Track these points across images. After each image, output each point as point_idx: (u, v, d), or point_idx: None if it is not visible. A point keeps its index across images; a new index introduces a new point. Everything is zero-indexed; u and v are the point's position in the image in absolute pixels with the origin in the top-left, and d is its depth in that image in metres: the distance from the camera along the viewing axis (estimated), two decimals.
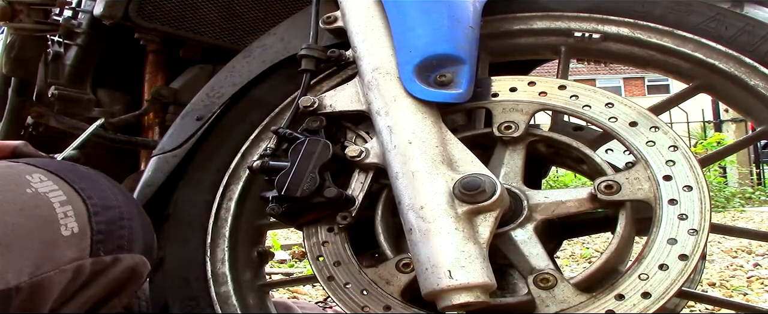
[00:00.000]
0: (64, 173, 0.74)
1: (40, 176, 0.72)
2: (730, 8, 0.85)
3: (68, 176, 0.74)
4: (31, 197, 0.69)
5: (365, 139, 0.89)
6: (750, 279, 2.57)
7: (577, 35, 0.93)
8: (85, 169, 0.80)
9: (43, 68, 1.34)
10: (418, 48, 0.85)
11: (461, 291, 0.72)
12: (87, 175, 0.78)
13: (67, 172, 0.75)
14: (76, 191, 0.73)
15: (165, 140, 1.02)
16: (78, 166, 0.79)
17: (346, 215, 0.86)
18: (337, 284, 0.87)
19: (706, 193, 0.78)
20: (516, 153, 0.87)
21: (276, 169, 0.85)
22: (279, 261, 3.30)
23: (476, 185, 0.76)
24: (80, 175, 0.77)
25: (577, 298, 0.77)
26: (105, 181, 0.79)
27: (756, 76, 0.83)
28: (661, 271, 0.75)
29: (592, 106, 0.85)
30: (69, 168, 0.77)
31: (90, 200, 0.74)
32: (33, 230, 0.67)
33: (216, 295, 0.96)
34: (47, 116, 1.31)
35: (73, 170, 0.77)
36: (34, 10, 1.21)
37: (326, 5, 0.97)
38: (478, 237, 0.75)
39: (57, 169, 0.75)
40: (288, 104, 0.99)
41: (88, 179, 0.77)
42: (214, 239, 0.98)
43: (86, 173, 0.78)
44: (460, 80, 0.84)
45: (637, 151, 0.81)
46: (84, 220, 0.72)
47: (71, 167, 0.78)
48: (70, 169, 0.77)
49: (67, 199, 0.72)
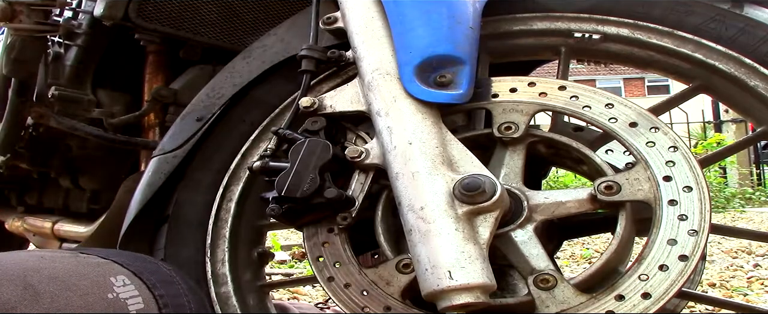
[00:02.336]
0: (147, 277, 0.77)
1: (124, 279, 0.74)
2: (730, 9, 0.85)
3: (151, 280, 0.76)
4: (111, 303, 0.71)
5: (365, 140, 0.89)
6: (750, 280, 2.57)
7: (577, 36, 0.93)
8: (168, 271, 0.82)
9: (43, 69, 1.34)
10: (418, 49, 0.85)
11: (461, 291, 0.72)
12: (169, 279, 0.80)
13: (151, 275, 0.77)
14: (155, 298, 0.75)
15: (165, 140, 1.02)
16: (161, 267, 0.82)
17: (346, 216, 0.86)
18: (338, 285, 0.87)
19: (706, 194, 0.78)
20: (516, 154, 0.87)
21: (276, 170, 0.85)
22: (279, 262, 3.30)
23: (476, 185, 0.76)
24: (162, 278, 0.79)
25: (577, 299, 0.77)
26: (184, 284, 0.81)
27: (756, 76, 0.83)
28: (661, 272, 0.75)
29: (592, 106, 0.85)
30: (153, 270, 0.79)
31: (165, 309, 0.76)
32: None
33: (216, 296, 0.96)
34: (47, 116, 1.31)
35: (157, 272, 0.79)
36: (34, 11, 1.20)
37: (326, 6, 0.97)
38: (478, 238, 0.75)
39: (141, 272, 0.77)
40: (288, 105, 0.99)
41: (170, 283, 0.79)
42: (214, 239, 0.98)
43: (168, 276, 0.80)
44: (460, 81, 0.84)
45: (637, 152, 0.81)
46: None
47: (155, 268, 0.80)
48: (153, 271, 0.79)
49: (144, 307, 0.74)
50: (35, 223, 1.49)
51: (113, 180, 1.44)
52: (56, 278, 0.68)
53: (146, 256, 0.93)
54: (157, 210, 1.01)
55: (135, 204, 0.98)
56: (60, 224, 1.44)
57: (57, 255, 0.75)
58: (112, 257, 0.77)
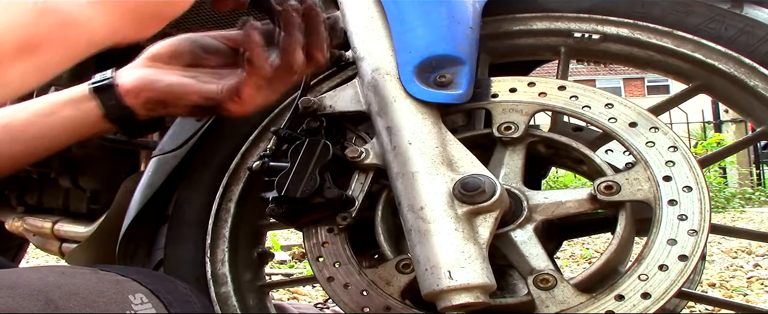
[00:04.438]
0: (165, 295, 0.77)
1: (142, 297, 0.75)
2: (730, 9, 0.85)
3: (167, 299, 0.77)
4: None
5: (365, 140, 0.89)
6: (750, 280, 2.58)
7: (576, 36, 0.93)
8: (185, 289, 0.82)
9: None
10: (418, 49, 0.85)
11: (461, 291, 0.72)
12: (186, 298, 0.81)
13: (168, 294, 0.78)
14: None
15: (165, 140, 1.02)
16: (179, 286, 0.82)
17: (346, 216, 0.86)
18: (337, 285, 0.87)
19: (706, 194, 0.78)
20: (516, 154, 0.87)
21: (276, 170, 0.85)
22: (279, 262, 3.30)
23: (476, 185, 0.76)
24: (179, 298, 0.79)
25: (576, 299, 0.77)
26: (199, 303, 0.82)
27: (755, 76, 0.83)
28: (660, 272, 0.75)
29: (591, 106, 0.85)
30: (170, 289, 0.80)
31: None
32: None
33: (216, 296, 0.96)
34: None
35: (174, 291, 0.80)
36: None
37: (326, 6, 0.97)
38: (477, 238, 0.75)
39: (159, 290, 0.77)
40: (288, 105, 0.99)
41: (186, 303, 0.80)
42: (214, 239, 0.98)
43: (185, 295, 0.81)
44: (460, 81, 0.84)
45: (636, 152, 0.81)
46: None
47: (173, 287, 0.81)
48: (170, 290, 0.79)
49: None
50: (35, 223, 1.49)
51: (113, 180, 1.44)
52: (76, 294, 0.69)
53: (164, 275, 0.94)
54: (157, 210, 1.01)
55: (135, 204, 0.98)
56: (60, 224, 1.44)
57: (77, 271, 0.76)
58: (130, 274, 0.78)
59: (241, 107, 0.83)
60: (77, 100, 0.85)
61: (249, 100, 0.82)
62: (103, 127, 0.85)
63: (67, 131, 0.85)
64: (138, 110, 0.83)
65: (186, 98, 0.82)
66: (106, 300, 0.71)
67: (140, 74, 0.84)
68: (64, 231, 1.42)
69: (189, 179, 1.01)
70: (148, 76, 0.83)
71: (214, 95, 0.82)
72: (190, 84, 0.82)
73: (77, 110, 0.85)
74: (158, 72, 0.84)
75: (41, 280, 0.69)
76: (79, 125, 0.85)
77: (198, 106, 0.83)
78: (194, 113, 0.86)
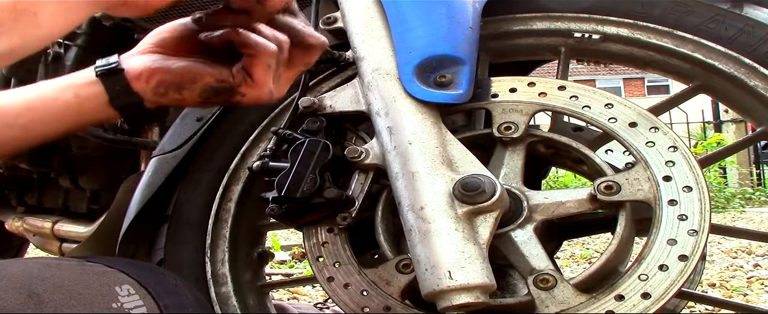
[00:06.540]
0: (153, 287, 0.76)
1: (129, 289, 0.73)
2: (730, 9, 0.85)
3: (156, 290, 0.75)
4: (115, 313, 0.70)
5: (365, 140, 0.89)
6: (750, 280, 2.57)
7: (576, 36, 0.93)
8: (173, 280, 0.81)
9: (43, 69, 1.34)
10: (418, 49, 0.85)
11: (461, 291, 0.72)
12: (174, 289, 0.79)
13: (156, 285, 0.76)
14: (160, 308, 0.75)
15: (165, 140, 1.02)
16: (167, 276, 0.81)
17: (346, 216, 0.86)
18: (337, 285, 0.87)
19: (706, 194, 0.78)
20: (516, 154, 0.87)
21: (276, 170, 0.85)
22: (279, 262, 3.30)
23: (476, 185, 0.76)
24: (167, 289, 0.78)
25: (576, 299, 0.77)
26: (189, 294, 0.81)
27: (755, 76, 0.83)
28: (660, 272, 0.75)
29: (591, 106, 0.85)
30: (158, 280, 0.78)
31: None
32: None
33: (216, 296, 0.96)
34: None
35: (162, 282, 0.78)
36: None
37: (326, 6, 0.97)
38: (477, 238, 0.75)
39: (147, 281, 0.76)
40: (287, 105, 0.99)
41: (175, 294, 0.78)
42: (214, 240, 0.98)
43: (174, 287, 0.80)
44: (460, 81, 0.84)
45: (636, 152, 0.81)
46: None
47: (161, 278, 0.79)
48: (159, 281, 0.78)
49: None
50: (35, 223, 1.49)
51: (113, 180, 1.44)
52: (61, 286, 0.67)
53: (152, 265, 0.92)
54: (157, 210, 1.01)
55: (135, 204, 0.98)
56: (60, 224, 1.44)
57: (63, 263, 0.74)
58: (117, 266, 0.77)
59: (256, 90, 0.80)
60: (77, 86, 0.82)
61: (262, 81, 0.80)
62: (104, 115, 0.83)
63: (63, 118, 0.82)
64: (147, 96, 0.81)
65: (201, 79, 0.80)
66: (92, 292, 0.69)
67: (151, 58, 0.81)
68: (64, 231, 1.42)
69: (189, 178, 1.01)
70: (159, 60, 0.81)
71: (226, 76, 0.80)
72: (204, 66, 0.80)
73: (77, 96, 0.81)
74: (168, 57, 0.81)
75: (24, 272, 0.67)
76: (76, 113, 0.82)
77: (212, 88, 0.80)
78: (207, 98, 0.82)
